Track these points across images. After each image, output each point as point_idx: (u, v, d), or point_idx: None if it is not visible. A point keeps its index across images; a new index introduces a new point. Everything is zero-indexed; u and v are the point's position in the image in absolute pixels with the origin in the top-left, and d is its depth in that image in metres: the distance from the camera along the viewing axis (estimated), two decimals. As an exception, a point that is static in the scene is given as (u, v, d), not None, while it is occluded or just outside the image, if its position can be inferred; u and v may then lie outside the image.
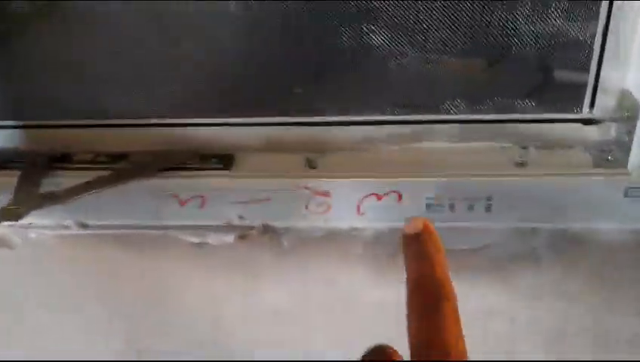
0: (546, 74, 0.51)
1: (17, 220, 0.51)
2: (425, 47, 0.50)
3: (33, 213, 0.52)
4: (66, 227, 0.56)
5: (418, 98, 0.53)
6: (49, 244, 0.57)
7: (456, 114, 0.52)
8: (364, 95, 0.54)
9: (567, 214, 0.50)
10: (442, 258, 0.35)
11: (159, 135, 0.55)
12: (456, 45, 0.49)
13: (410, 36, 0.50)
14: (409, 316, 0.33)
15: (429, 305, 0.32)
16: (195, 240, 0.54)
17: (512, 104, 0.51)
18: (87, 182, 0.52)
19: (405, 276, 0.35)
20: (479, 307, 0.58)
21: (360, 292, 0.56)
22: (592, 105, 0.51)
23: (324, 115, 0.54)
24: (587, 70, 0.50)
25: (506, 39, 0.49)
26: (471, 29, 0.49)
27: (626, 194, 0.48)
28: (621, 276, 0.52)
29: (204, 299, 0.58)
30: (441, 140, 0.53)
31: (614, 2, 0.47)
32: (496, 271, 0.54)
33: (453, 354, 0.30)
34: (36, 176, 0.54)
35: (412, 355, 0.31)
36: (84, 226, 0.56)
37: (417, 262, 0.35)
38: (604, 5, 0.48)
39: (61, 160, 0.57)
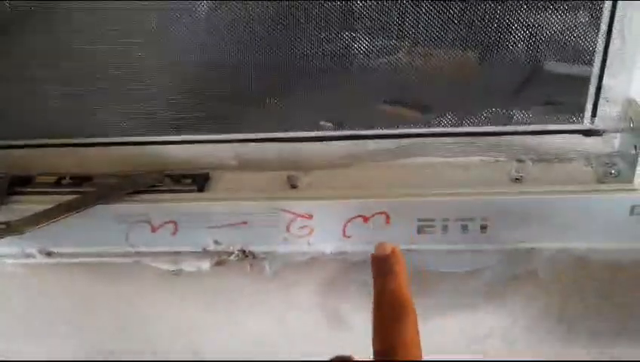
0: (543, 81, 0.47)
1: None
2: (412, 49, 0.46)
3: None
4: (29, 255, 0.52)
5: (405, 109, 0.49)
6: (10, 273, 0.53)
7: (446, 126, 0.48)
8: (346, 106, 0.50)
9: (569, 234, 0.46)
10: (406, 278, 0.39)
11: (126, 155, 0.51)
12: (446, 45, 0.45)
13: (394, 40, 0.46)
14: (375, 327, 0.37)
15: (394, 317, 0.36)
16: (170, 267, 0.50)
17: (507, 115, 0.48)
18: (49, 210, 0.48)
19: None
20: (478, 331, 0.54)
21: (347, 317, 0.53)
22: (593, 114, 0.47)
23: (304, 130, 0.50)
24: (588, 77, 0.46)
25: (500, 40, 0.45)
26: (463, 28, 0.45)
27: (632, 212, 0.44)
28: (630, 300, 0.48)
29: (181, 328, 0.55)
30: (431, 155, 0.49)
31: (618, 2, 0.43)
32: (493, 294, 0.50)
33: (413, 358, 0.35)
34: (-5, 203, 0.50)
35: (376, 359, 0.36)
36: (49, 254, 0.52)
37: (384, 279, 0.39)
38: (607, 6, 0.44)
39: (22, 183, 0.53)
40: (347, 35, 0.46)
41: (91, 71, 0.50)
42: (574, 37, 0.45)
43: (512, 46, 0.45)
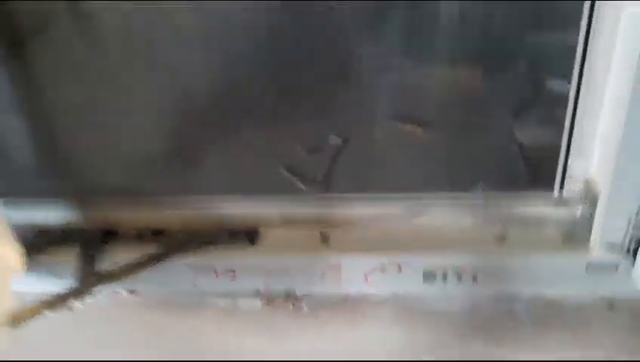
0: (524, 163, 0.60)
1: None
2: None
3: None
4: (117, 293, 0.66)
5: (414, 183, 0.63)
6: (102, 307, 0.67)
7: (446, 198, 0.62)
8: (368, 180, 0.63)
9: (541, 283, 0.59)
10: None
11: (193, 212, 0.65)
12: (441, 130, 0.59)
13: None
14: None
15: None
16: (228, 305, 0.64)
17: (495, 188, 0.61)
18: (138, 262, 0.62)
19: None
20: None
21: (369, 349, 0.66)
22: (561, 188, 0.60)
23: (335, 192, 0.64)
24: (557, 160, 0.59)
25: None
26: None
27: (587, 269, 0.57)
28: (591, 335, 0.61)
29: (235, 356, 0.68)
30: (434, 219, 0.62)
31: (578, 106, 0.56)
32: (484, 330, 0.63)
33: None
34: (91, 254, 0.64)
35: None
36: (133, 292, 0.66)
37: None
38: (570, 107, 0.57)
39: (111, 236, 0.67)
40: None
41: (164, 146, 0.64)
42: (545, 132, 0.58)
43: (504, 146, 0.59)
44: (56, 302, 0.61)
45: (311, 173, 0.64)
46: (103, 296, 0.66)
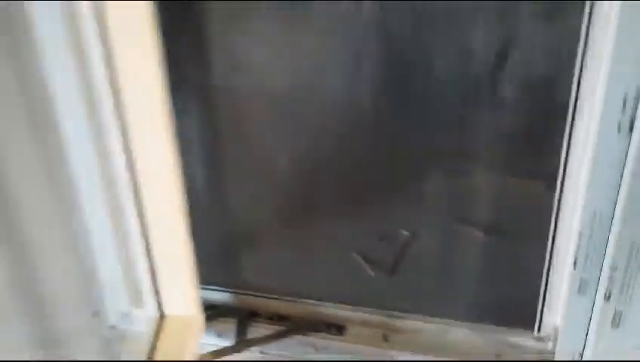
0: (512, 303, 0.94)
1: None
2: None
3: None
4: (253, 352, 1.06)
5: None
6: None
7: (464, 327, 0.97)
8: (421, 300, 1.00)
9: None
10: None
11: (304, 306, 1.05)
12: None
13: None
14: None
15: None
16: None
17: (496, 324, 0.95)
18: (270, 335, 1.02)
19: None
20: None
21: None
22: (539, 330, 0.93)
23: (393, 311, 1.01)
24: (535, 316, 0.93)
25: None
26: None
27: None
28: None
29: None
30: (457, 338, 0.97)
31: (552, 263, 0.90)
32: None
33: None
34: (243, 326, 1.05)
35: None
36: (262, 353, 1.06)
37: None
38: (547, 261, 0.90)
39: (254, 315, 1.07)
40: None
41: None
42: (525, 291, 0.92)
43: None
44: (221, 353, 1.02)
45: (380, 261, 1.00)
46: (247, 355, 1.07)
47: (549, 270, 0.89)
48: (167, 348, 0.94)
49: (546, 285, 0.90)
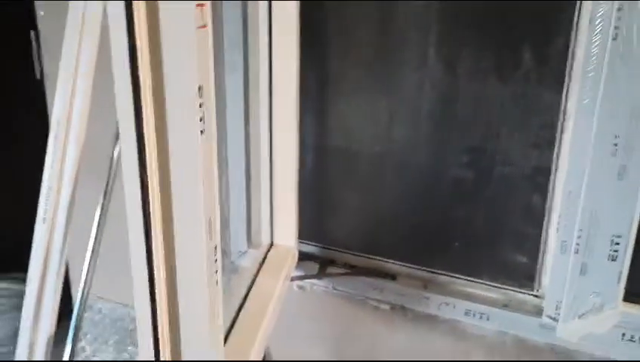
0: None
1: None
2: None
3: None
4: (327, 287, 1.47)
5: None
6: (319, 292, 1.47)
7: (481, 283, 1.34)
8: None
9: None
10: None
11: (368, 260, 1.45)
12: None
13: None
14: None
15: None
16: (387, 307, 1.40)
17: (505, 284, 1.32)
18: (341, 273, 1.43)
19: None
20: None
21: None
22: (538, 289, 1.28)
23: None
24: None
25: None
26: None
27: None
28: None
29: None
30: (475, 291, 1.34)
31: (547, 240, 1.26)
32: None
33: None
34: (323, 268, 1.46)
35: None
36: (335, 289, 1.46)
37: None
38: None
39: (332, 263, 1.49)
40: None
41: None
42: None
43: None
44: (306, 278, 1.44)
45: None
46: (321, 286, 1.47)
47: (545, 245, 1.26)
48: (270, 269, 1.37)
49: (543, 255, 1.27)
